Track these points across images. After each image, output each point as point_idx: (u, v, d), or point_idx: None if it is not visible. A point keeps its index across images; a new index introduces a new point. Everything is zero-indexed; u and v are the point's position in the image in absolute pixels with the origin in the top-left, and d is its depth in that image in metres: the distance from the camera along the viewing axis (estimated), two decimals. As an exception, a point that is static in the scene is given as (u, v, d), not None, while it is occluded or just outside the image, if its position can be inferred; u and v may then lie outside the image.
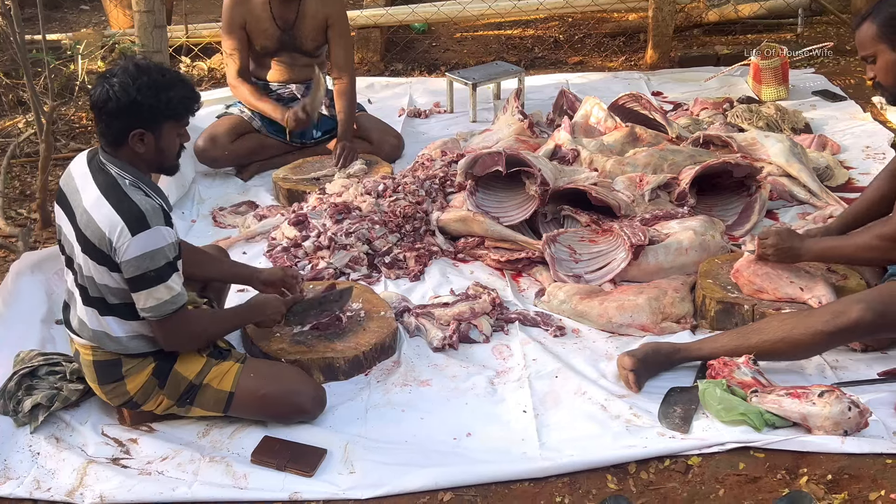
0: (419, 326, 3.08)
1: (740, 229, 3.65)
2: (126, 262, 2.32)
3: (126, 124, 2.35)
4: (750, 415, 2.51)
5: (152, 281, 2.35)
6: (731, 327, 2.96)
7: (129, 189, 2.36)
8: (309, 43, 4.35)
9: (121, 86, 2.32)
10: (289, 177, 4.19)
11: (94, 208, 2.35)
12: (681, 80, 5.54)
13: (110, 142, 2.39)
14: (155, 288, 2.36)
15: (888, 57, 2.68)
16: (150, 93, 2.34)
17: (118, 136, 2.37)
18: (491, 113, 5.07)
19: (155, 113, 2.36)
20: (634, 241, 3.24)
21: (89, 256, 2.38)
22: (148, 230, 2.32)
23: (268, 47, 4.34)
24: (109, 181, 2.37)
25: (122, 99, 2.32)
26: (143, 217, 2.32)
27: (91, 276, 2.41)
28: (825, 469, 2.39)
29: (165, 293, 2.38)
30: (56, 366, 2.75)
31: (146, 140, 2.38)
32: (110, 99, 2.33)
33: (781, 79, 5.08)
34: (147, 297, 2.37)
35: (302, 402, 2.61)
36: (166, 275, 2.37)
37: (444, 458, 2.48)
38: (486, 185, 3.73)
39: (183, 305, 2.43)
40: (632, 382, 2.71)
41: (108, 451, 2.55)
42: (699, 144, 4.14)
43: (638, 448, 2.48)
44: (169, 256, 2.37)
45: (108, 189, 2.36)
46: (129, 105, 2.32)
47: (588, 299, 3.13)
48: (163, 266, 2.36)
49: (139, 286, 2.36)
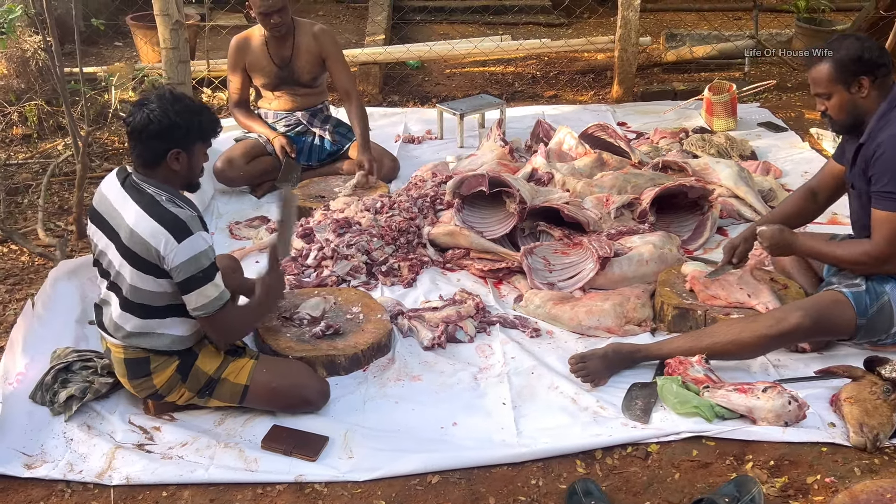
0: (411, 328, 3.07)
1: (694, 244, 3.65)
2: (175, 267, 2.31)
3: (165, 145, 2.35)
4: (702, 407, 2.51)
5: (201, 281, 2.34)
6: (685, 330, 2.97)
7: (166, 203, 2.35)
8: (305, 75, 4.35)
9: (161, 110, 2.33)
10: (297, 195, 4.17)
11: (138, 224, 2.33)
12: (643, 112, 5.55)
13: (148, 162, 2.38)
14: (204, 287, 2.35)
15: (842, 97, 2.65)
16: (186, 116, 2.36)
17: (156, 156, 2.37)
18: (476, 140, 5.06)
19: (189, 134, 2.38)
20: (601, 253, 3.24)
21: (136, 268, 2.36)
22: (191, 236, 2.31)
23: (268, 83, 4.34)
24: (148, 199, 2.36)
25: (162, 121, 2.33)
26: (185, 225, 2.32)
27: (136, 285, 2.39)
28: (768, 456, 2.39)
29: (213, 291, 2.37)
30: (88, 361, 2.72)
31: (181, 159, 2.39)
32: (151, 122, 2.33)
33: (731, 111, 5.10)
34: (198, 296, 2.36)
35: (309, 395, 2.59)
36: (212, 274, 2.36)
37: (433, 445, 2.47)
38: (472, 203, 3.73)
39: (227, 302, 2.42)
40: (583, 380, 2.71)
41: (134, 437, 2.53)
42: (658, 169, 4.14)
43: (604, 436, 2.48)
44: (210, 258, 2.37)
45: (149, 206, 2.35)
46: (168, 127, 2.33)
47: (560, 304, 3.13)
48: (208, 267, 2.35)
49: (190, 287, 2.35)
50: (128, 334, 2.47)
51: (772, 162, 4.52)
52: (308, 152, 4.48)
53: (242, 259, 3.45)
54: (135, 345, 2.48)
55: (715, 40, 6.58)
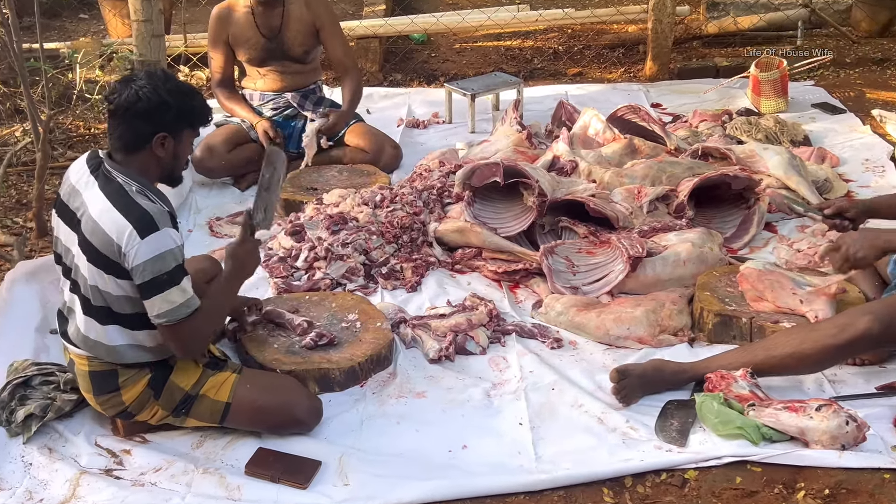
0: (415, 338, 3.07)
1: (738, 241, 3.65)
2: (137, 266, 2.32)
3: (152, 127, 2.37)
4: (747, 428, 2.50)
5: (165, 284, 2.34)
6: (728, 340, 2.96)
7: (135, 195, 2.36)
8: (297, 48, 4.37)
9: (152, 88, 2.35)
10: (286, 187, 4.19)
11: (101, 215, 2.34)
12: (680, 92, 5.54)
13: (129, 146, 2.40)
14: (168, 291, 2.35)
15: None
16: (178, 97, 2.38)
17: (140, 139, 2.39)
18: (489, 124, 5.06)
19: (180, 117, 2.40)
20: (632, 252, 3.24)
21: (95, 265, 2.37)
22: (157, 232, 2.32)
23: (254, 57, 4.36)
24: (115, 188, 2.37)
25: (153, 99, 2.34)
26: (152, 220, 2.32)
27: (95, 285, 2.40)
28: (822, 484, 2.38)
29: (179, 296, 2.37)
30: (50, 376, 2.74)
31: (166, 145, 2.41)
32: (140, 100, 2.34)
33: (781, 91, 5.09)
34: (161, 301, 2.35)
35: (299, 414, 2.60)
36: (178, 277, 2.36)
37: (440, 471, 2.47)
38: (484, 195, 3.73)
39: (196, 310, 2.41)
40: (619, 396, 2.70)
41: (101, 461, 2.54)
42: (698, 156, 4.14)
43: (634, 461, 2.47)
44: (178, 259, 2.37)
45: (115, 196, 2.36)
46: (158, 106, 2.35)
47: (585, 311, 3.13)
48: (174, 269, 2.35)
49: (152, 291, 2.34)
50: (92, 343, 2.48)
51: (827, 148, 4.50)
52: (298, 139, 4.50)
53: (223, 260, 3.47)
54: (100, 356, 2.49)
55: (763, 10, 6.56)
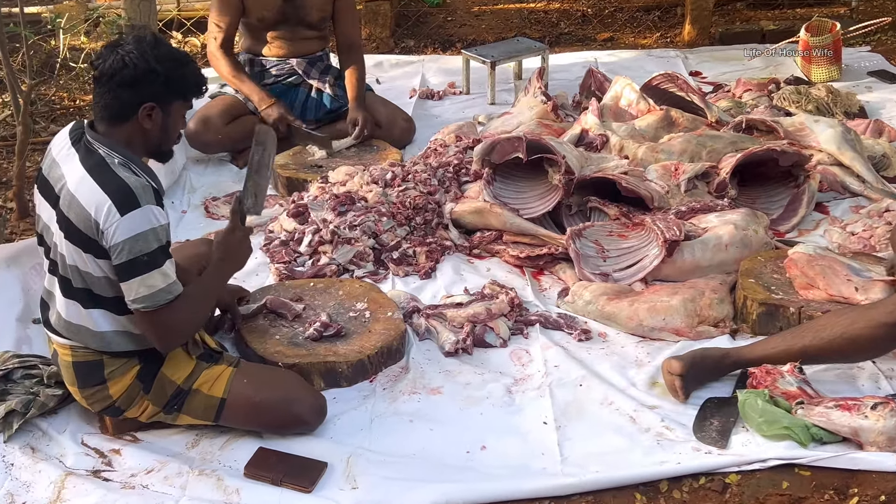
0: (430, 329, 3.08)
1: (786, 223, 3.63)
2: (115, 245, 2.32)
3: (139, 96, 2.37)
4: (794, 428, 2.50)
5: (145, 266, 2.34)
6: (774, 331, 2.95)
7: (117, 168, 2.36)
8: (315, 14, 4.38)
9: (139, 53, 2.35)
10: (288, 164, 4.20)
11: (79, 188, 2.35)
12: (721, 59, 5.52)
13: (113, 115, 2.40)
14: (149, 274, 2.34)
15: None
16: (168, 64, 2.38)
17: (125, 109, 2.39)
18: (511, 94, 5.06)
19: (170, 87, 2.40)
20: (668, 236, 3.23)
21: (72, 242, 2.38)
22: (138, 209, 2.31)
23: (267, 18, 4.35)
24: (96, 160, 2.38)
25: (140, 67, 2.34)
26: (133, 195, 2.32)
27: (75, 264, 2.41)
28: (878, 489, 2.37)
29: (160, 280, 2.36)
30: (32, 369, 2.76)
31: (154, 116, 2.41)
32: (126, 66, 2.34)
33: (833, 58, 5.05)
34: (140, 284, 2.35)
35: (300, 412, 2.61)
36: (160, 260, 2.36)
37: (456, 474, 2.48)
38: (505, 173, 3.72)
39: (178, 296, 2.41)
40: (678, 389, 2.69)
41: (89, 462, 2.55)
42: (741, 130, 4.12)
43: (670, 464, 2.47)
44: (161, 239, 2.36)
45: (95, 168, 2.36)
46: (146, 74, 2.35)
47: (616, 300, 3.12)
48: (155, 250, 2.34)
49: (131, 273, 2.34)
50: (75, 329, 2.48)
51: (885, 121, 4.47)
52: (302, 109, 4.50)
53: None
54: (86, 343, 2.50)
55: (814, -33, 6.50)
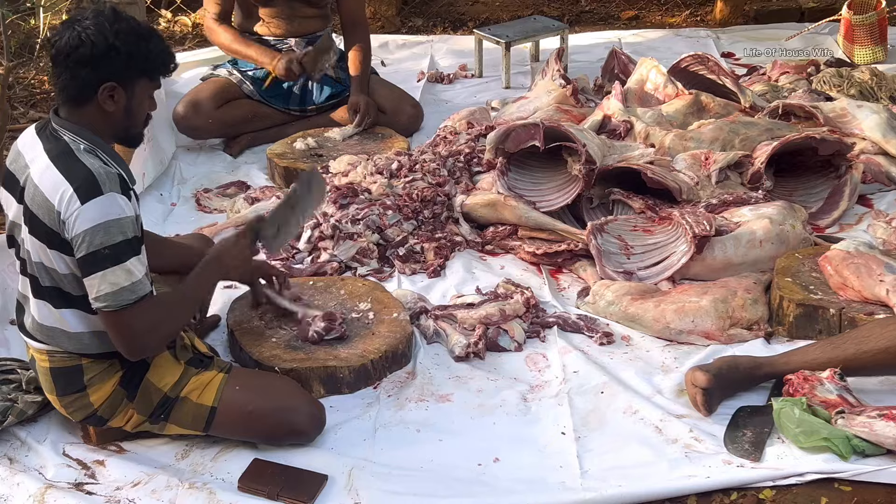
0: (438, 331, 3.08)
1: (826, 218, 3.62)
2: (76, 237, 2.32)
3: (97, 75, 2.38)
4: (835, 440, 2.49)
5: (106, 260, 2.33)
6: (812, 335, 2.95)
7: (82, 154, 2.37)
8: None
9: (97, 29, 2.35)
10: (286, 153, 4.21)
11: (42, 178, 2.36)
12: (756, 39, 5.50)
13: (73, 97, 2.41)
14: (110, 270, 2.33)
15: None
16: (129, 40, 2.38)
17: (84, 90, 2.39)
18: (527, 77, 5.06)
19: (131, 64, 2.40)
20: (698, 231, 3.23)
21: (37, 237, 2.39)
22: (100, 197, 2.31)
23: None
24: (61, 147, 2.39)
25: (97, 44, 2.35)
26: (95, 181, 2.32)
27: (40, 261, 2.42)
28: (926, 506, 2.38)
29: (123, 278, 2.35)
30: (10, 374, 2.77)
31: (116, 97, 2.41)
32: (83, 43, 2.35)
33: (878, 37, 5.04)
34: (101, 281, 2.34)
35: (296, 421, 2.61)
36: (124, 254, 2.34)
37: (467, 488, 2.48)
38: (521, 163, 3.73)
39: (144, 297, 2.40)
40: (700, 404, 2.68)
41: (71, 474, 2.56)
42: (778, 116, 4.11)
43: (699, 478, 2.47)
44: (127, 233, 2.35)
45: (60, 156, 2.37)
46: (104, 51, 2.36)
47: (641, 301, 3.12)
48: (119, 243, 2.33)
49: (92, 268, 2.33)
50: (49, 331, 2.49)
51: (935, 106, 4.45)
52: (301, 94, 4.51)
53: (214, 238, 3.49)
54: (62, 346, 2.50)
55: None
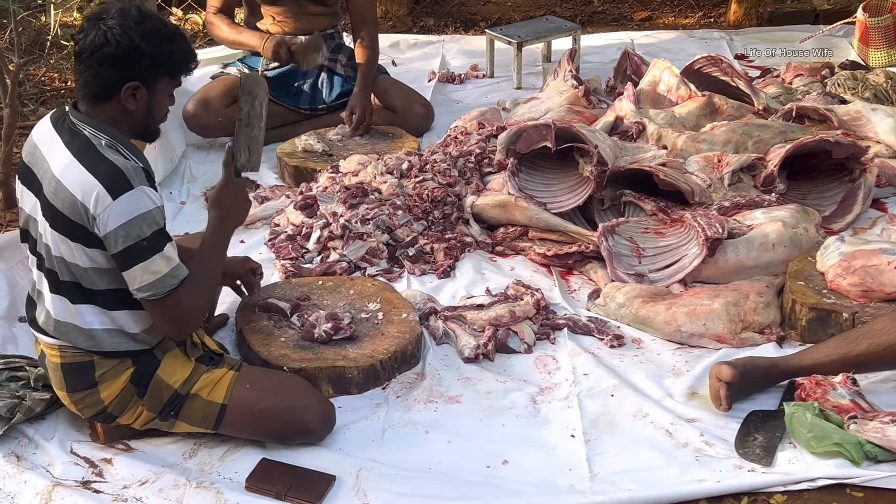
0: (448, 332, 3.08)
1: (840, 221, 3.61)
2: (110, 234, 2.34)
3: (121, 75, 2.40)
4: (847, 445, 2.49)
5: (146, 251, 2.36)
6: (825, 339, 2.94)
7: (105, 150, 2.39)
8: None
9: (122, 29, 2.37)
10: (296, 152, 4.22)
11: (65, 174, 2.37)
12: (770, 41, 5.49)
13: (95, 94, 2.43)
14: (151, 260, 2.37)
15: None
16: (154, 41, 2.40)
17: (107, 88, 2.41)
18: (539, 78, 5.06)
19: (155, 65, 2.42)
20: (710, 233, 3.22)
21: (59, 232, 2.40)
22: (130, 191, 2.34)
23: None
24: (82, 142, 2.40)
25: (122, 43, 2.36)
26: (124, 177, 2.34)
27: (61, 255, 2.43)
28: (938, 513, 2.37)
29: (164, 265, 2.39)
30: (18, 371, 2.78)
31: (139, 95, 2.43)
32: (108, 43, 2.36)
33: (893, 40, 5.02)
34: (143, 272, 2.37)
35: (307, 420, 2.62)
36: (160, 243, 2.38)
37: (475, 490, 2.48)
38: (532, 164, 3.73)
39: (185, 279, 2.44)
40: (723, 398, 2.68)
41: (78, 472, 2.57)
42: (791, 118, 4.11)
43: (709, 483, 2.47)
44: (159, 221, 2.39)
45: (82, 151, 2.38)
46: (129, 52, 2.37)
47: (652, 303, 3.12)
48: (154, 233, 2.37)
49: (131, 261, 2.37)
50: (64, 327, 2.50)
51: (951, 110, 4.44)
52: (312, 93, 4.52)
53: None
54: (75, 342, 2.51)
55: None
